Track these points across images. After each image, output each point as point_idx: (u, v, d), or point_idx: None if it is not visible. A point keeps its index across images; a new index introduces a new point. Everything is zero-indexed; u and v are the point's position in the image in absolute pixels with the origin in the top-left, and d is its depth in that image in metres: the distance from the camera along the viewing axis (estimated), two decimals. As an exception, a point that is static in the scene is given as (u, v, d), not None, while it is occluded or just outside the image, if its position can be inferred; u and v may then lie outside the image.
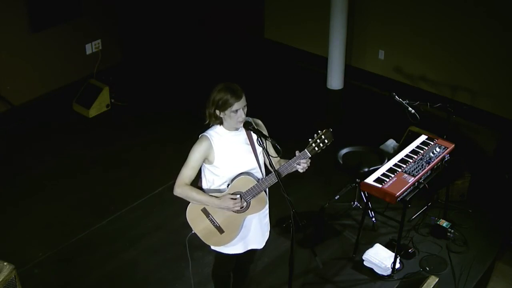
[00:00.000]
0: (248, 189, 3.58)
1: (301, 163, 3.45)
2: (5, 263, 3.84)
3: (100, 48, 7.36)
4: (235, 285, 4.29)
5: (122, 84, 7.33)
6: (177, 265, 4.83)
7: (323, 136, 3.38)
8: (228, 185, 3.60)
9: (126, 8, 7.51)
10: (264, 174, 3.66)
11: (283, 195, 3.43)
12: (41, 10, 6.62)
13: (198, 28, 8.13)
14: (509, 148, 6.23)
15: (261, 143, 3.49)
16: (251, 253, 3.96)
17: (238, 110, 3.45)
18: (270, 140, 3.49)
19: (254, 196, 3.60)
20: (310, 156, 3.44)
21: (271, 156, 3.53)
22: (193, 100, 5.79)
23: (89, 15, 7.11)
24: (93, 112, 6.89)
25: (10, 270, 3.83)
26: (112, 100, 7.05)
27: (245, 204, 3.63)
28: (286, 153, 3.56)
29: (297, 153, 3.47)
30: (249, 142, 3.60)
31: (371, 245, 4.93)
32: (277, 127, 4.11)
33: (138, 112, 7.02)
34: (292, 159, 3.48)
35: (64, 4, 6.78)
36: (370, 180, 4.50)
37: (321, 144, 3.39)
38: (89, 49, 7.28)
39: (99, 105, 6.94)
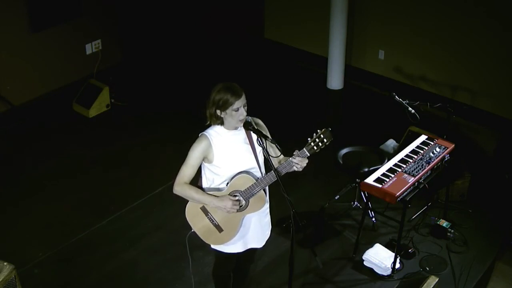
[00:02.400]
0: (247, 188, 3.58)
1: (298, 162, 3.45)
2: (5, 263, 3.84)
3: (100, 48, 7.36)
4: (235, 285, 4.29)
5: (122, 84, 7.33)
6: (177, 265, 4.83)
7: (322, 136, 3.39)
8: (227, 183, 3.60)
9: (126, 8, 7.51)
10: (263, 173, 3.66)
11: (283, 195, 3.43)
12: (41, 10, 6.62)
13: (198, 28, 8.14)
14: (509, 148, 6.23)
15: (261, 143, 3.50)
16: (251, 252, 3.96)
17: (239, 108, 3.46)
18: (270, 140, 3.49)
19: (253, 195, 3.60)
20: (308, 155, 3.44)
21: (271, 156, 3.54)
22: (193, 100, 5.79)
23: (89, 15, 7.11)
24: (93, 112, 6.89)
25: (10, 270, 3.83)
26: (112, 100, 7.05)
27: (244, 202, 3.63)
28: (286, 153, 3.57)
29: (296, 152, 3.47)
30: (248, 142, 3.60)
31: (371, 245, 4.93)
32: (277, 127, 4.11)
33: (138, 112, 7.02)
34: (290, 158, 3.48)
35: (64, 4, 6.78)
36: (370, 180, 4.50)
37: (320, 144, 3.40)
38: (89, 49, 7.28)
39: (99, 105, 6.94)
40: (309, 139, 3.42)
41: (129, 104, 7.12)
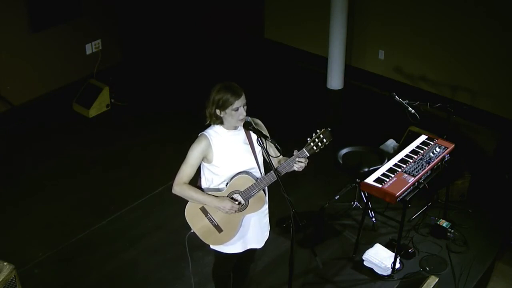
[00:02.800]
0: (247, 188, 3.58)
1: (298, 162, 3.45)
2: (5, 263, 3.84)
3: (100, 48, 7.36)
4: (235, 285, 4.29)
5: (122, 84, 7.33)
6: (177, 265, 4.83)
7: (321, 136, 3.39)
8: (227, 184, 3.60)
9: (126, 8, 7.51)
10: (263, 173, 3.65)
11: (283, 195, 3.43)
12: (41, 10, 6.62)
13: (198, 28, 8.14)
14: (509, 148, 6.23)
15: (261, 143, 3.50)
16: (251, 252, 3.96)
17: (239, 108, 3.46)
18: (269, 140, 3.49)
19: (253, 195, 3.60)
20: (308, 155, 3.44)
21: (271, 156, 3.54)
22: (193, 100, 5.78)
23: (89, 15, 7.11)
24: (93, 112, 6.89)
25: (10, 270, 3.83)
26: (112, 100, 7.05)
27: (243, 202, 3.63)
28: (286, 153, 3.57)
29: (295, 152, 3.47)
30: (248, 142, 3.60)
31: (371, 245, 4.93)
32: (277, 127, 4.11)
33: (138, 112, 7.02)
34: (290, 158, 3.48)
35: (64, 4, 6.79)
36: (370, 180, 4.50)
37: (319, 144, 3.40)
38: (89, 49, 7.28)
39: (99, 105, 6.94)
40: (308, 139, 3.42)
41: (129, 104, 7.12)
